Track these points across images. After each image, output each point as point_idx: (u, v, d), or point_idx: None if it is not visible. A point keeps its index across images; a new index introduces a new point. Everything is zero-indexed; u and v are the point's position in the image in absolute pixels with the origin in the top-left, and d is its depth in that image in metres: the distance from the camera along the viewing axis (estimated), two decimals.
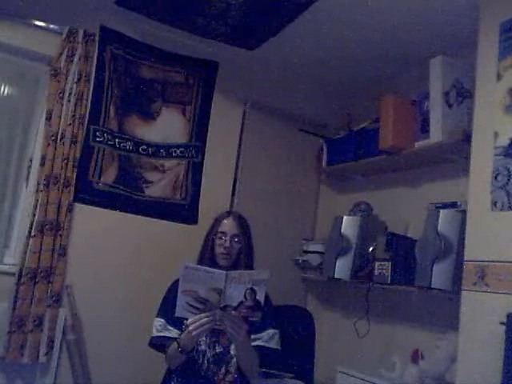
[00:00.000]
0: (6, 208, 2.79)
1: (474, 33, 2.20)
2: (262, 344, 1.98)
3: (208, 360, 1.96)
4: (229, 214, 2.22)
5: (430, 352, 2.50)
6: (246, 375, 1.99)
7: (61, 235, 2.66)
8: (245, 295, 1.74)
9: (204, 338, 1.96)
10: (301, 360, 2.73)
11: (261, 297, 1.75)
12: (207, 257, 2.10)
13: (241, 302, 1.74)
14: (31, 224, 2.60)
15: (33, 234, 2.59)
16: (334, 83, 3.50)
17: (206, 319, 1.75)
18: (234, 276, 1.72)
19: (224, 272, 1.72)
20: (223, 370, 1.96)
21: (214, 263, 2.08)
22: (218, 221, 2.16)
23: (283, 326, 2.14)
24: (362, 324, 3.04)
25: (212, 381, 1.94)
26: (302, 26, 2.77)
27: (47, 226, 2.61)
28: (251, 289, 1.74)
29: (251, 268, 2.09)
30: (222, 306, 1.72)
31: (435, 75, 2.50)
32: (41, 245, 2.59)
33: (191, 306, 1.74)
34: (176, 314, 1.78)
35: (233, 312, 1.74)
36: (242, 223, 2.15)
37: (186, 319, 1.81)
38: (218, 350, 1.98)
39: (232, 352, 1.97)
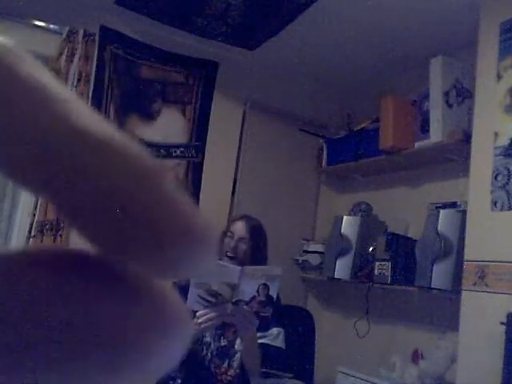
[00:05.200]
0: (6, 208, 2.79)
1: (474, 33, 2.20)
2: (267, 342, 1.99)
3: (212, 352, 1.96)
4: (243, 217, 2.23)
5: (429, 352, 2.50)
6: (247, 372, 1.99)
7: (61, 235, 2.66)
8: (257, 290, 1.76)
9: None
10: (301, 360, 2.72)
11: (273, 292, 1.79)
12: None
13: (253, 297, 1.76)
14: (31, 224, 2.60)
15: (33, 234, 2.59)
16: (334, 83, 3.50)
17: (217, 313, 1.76)
18: (249, 271, 1.75)
19: (239, 267, 1.74)
20: (226, 364, 1.96)
21: None
22: (231, 221, 2.19)
23: (283, 326, 2.15)
24: (362, 324, 3.04)
25: (213, 374, 1.95)
26: (301, 26, 2.77)
27: (47, 226, 2.61)
28: (264, 284, 1.76)
29: None
30: (234, 300, 1.74)
31: (435, 75, 2.50)
32: None
33: (202, 298, 1.76)
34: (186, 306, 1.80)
35: (245, 307, 1.75)
36: (253, 228, 2.14)
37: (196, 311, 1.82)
38: (223, 343, 1.98)
39: (236, 347, 1.98)
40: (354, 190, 3.47)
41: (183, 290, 1.81)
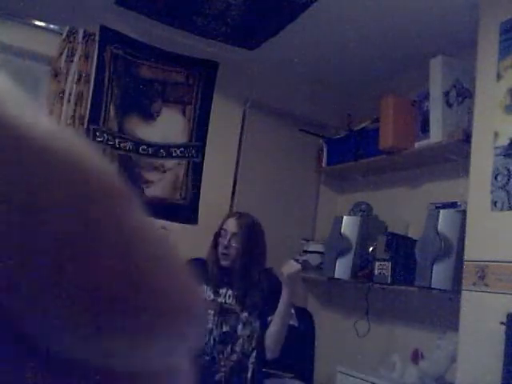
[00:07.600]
0: None
1: (474, 33, 2.20)
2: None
3: (214, 339, 1.99)
4: (236, 213, 2.25)
5: (430, 352, 2.50)
6: (248, 358, 2.00)
7: None
8: None
9: (211, 317, 1.98)
10: (301, 360, 2.73)
11: None
12: (212, 259, 2.11)
13: None
14: None
15: None
16: (334, 83, 3.50)
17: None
18: None
19: None
20: (228, 350, 1.99)
21: (218, 264, 2.09)
22: (225, 218, 2.20)
23: None
24: (362, 324, 3.04)
25: (216, 360, 1.97)
26: (302, 26, 2.77)
27: None
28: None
29: (249, 271, 2.08)
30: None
31: (435, 75, 2.50)
32: None
33: None
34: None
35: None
36: (245, 224, 2.12)
37: None
38: (225, 329, 2.00)
39: (238, 332, 2.00)
40: (354, 190, 3.47)
41: None
